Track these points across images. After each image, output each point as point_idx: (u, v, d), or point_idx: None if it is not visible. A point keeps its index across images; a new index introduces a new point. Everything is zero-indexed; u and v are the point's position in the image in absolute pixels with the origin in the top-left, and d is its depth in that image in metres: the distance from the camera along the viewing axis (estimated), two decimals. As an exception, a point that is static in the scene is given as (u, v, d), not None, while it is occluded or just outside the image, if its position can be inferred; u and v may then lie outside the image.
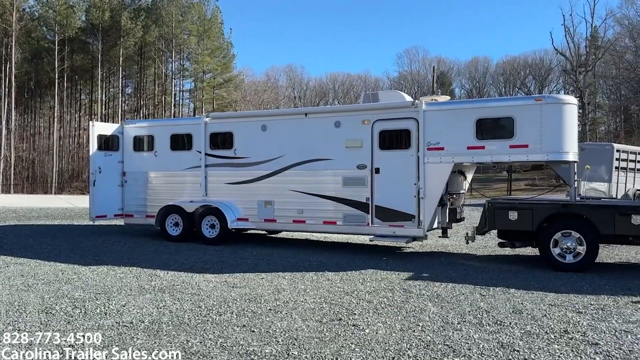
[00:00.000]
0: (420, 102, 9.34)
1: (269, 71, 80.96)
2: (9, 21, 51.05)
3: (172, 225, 11.45)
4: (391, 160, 9.53)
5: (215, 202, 10.95)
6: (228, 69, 63.51)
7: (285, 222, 10.44)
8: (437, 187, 9.15)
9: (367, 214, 9.69)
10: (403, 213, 9.40)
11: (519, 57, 68.96)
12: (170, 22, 56.28)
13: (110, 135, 12.10)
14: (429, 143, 9.19)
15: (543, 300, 6.34)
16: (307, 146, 10.19)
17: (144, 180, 12.00)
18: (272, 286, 7.05)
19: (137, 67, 62.63)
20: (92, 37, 56.75)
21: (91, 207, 11.77)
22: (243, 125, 10.94)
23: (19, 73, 55.63)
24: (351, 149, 9.81)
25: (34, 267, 8.33)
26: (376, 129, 9.64)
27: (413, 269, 8.34)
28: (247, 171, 10.75)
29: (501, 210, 8.75)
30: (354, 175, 9.78)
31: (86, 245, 10.66)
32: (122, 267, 8.42)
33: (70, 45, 56.34)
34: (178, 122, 12.50)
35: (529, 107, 8.75)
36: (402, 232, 9.43)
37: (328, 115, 10.20)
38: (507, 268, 8.55)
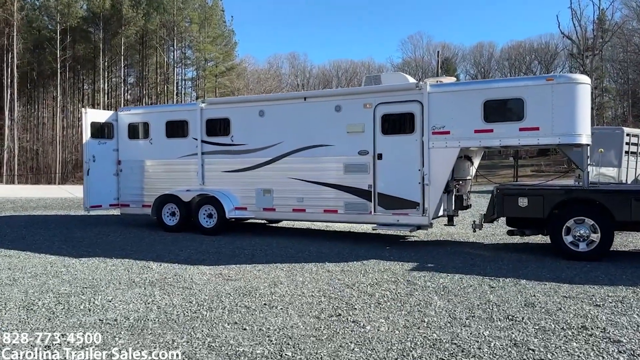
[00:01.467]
0: (425, 84, 8.90)
1: (271, 59, 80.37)
2: (10, 10, 50.59)
3: (168, 215, 11.10)
4: (394, 145, 9.10)
5: (212, 191, 10.57)
6: (230, 57, 62.95)
7: (285, 211, 10.05)
8: (443, 173, 8.73)
9: (369, 202, 9.29)
10: (407, 200, 8.99)
11: (524, 42, 68.00)
12: (172, 9, 55.73)
13: (104, 123, 11.72)
14: (434, 127, 8.76)
15: (557, 292, 5.94)
16: (306, 132, 9.77)
17: (140, 169, 11.63)
18: (269, 279, 6.68)
19: (139, 56, 62.18)
20: (94, 26, 56.28)
21: (85, 197, 11.42)
22: (240, 110, 10.52)
23: (22, 63, 55.25)
24: (352, 134, 9.39)
25: (23, 260, 8.00)
26: (378, 112, 9.20)
27: (418, 259, 7.96)
28: (245, 158, 10.36)
29: (510, 196, 8.33)
30: (355, 162, 9.37)
31: (80, 236, 10.33)
32: (114, 259, 8.07)
33: (72, 35, 55.92)
34: (173, 109, 12.09)
35: (539, 87, 8.28)
36: (406, 220, 9.03)
37: (328, 99, 9.76)
38: (517, 257, 8.14)
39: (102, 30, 55.59)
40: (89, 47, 58.46)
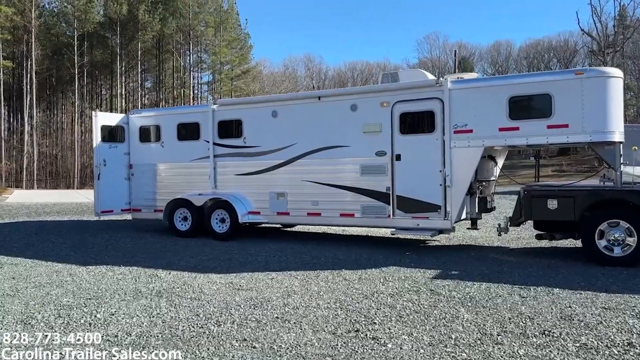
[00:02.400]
0: (445, 80, 8.44)
1: (286, 61, 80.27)
2: (28, 18, 51.17)
3: (180, 220, 10.78)
4: (413, 145, 8.66)
5: (224, 195, 10.23)
6: (245, 60, 62.94)
7: (299, 215, 9.66)
8: (466, 174, 8.26)
9: (387, 205, 8.85)
10: (427, 203, 8.54)
11: (542, 40, 66.90)
12: (187, 14, 55.85)
13: (115, 126, 11.47)
14: (456, 125, 8.29)
15: (594, 303, 5.45)
16: (321, 132, 9.38)
17: (151, 173, 11.35)
18: (282, 288, 6.28)
19: (155, 61, 62.49)
20: (111, 31, 56.62)
21: (96, 202, 11.16)
22: (252, 111, 10.16)
23: (41, 69, 55.89)
24: (369, 134, 8.96)
25: (29, 268, 7.72)
26: (396, 111, 8.77)
27: (440, 266, 7.50)
28: (258, 161, 10.00)
29: (539, 198, 7.83)
30: (372, 163, 8.95)
31: (90, 243, 10.07)
32: (122, 266, 7.76)
33: (90, 40, 56.39)
34: (185, 111, 11.80)
35: (568, 82, 7.77)
36: (427, 224, 8.57)
37: (343, 98, 9.34)
38: (547, 263, 7.64)
39: (119, 36, 55.91)
40: (106, 52, 58.89)
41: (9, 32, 51.08)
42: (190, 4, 55.51)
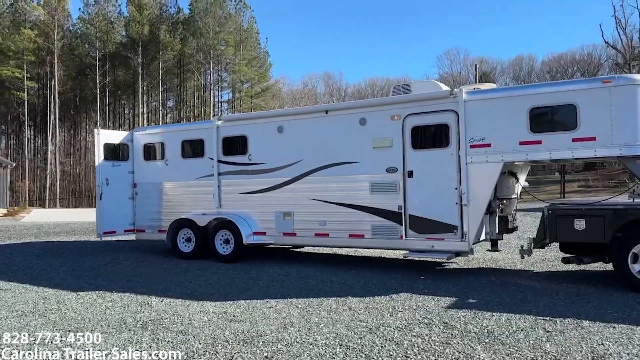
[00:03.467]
0: (460, 92, 7.85)
1: (306, 79, 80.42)
2: (51, 39, 52.26)
3: (184, 241, 10.32)
4: (427, 161, 8.07)
5: (229, 215, 9.74)
6: (265, 78, 63.18)
7: (307, 235, 9.10)
8: (484, 191, 7.62)
9: (399, 225, 8.24)
10: (443, 223, 7.90)
11: (565, 54, 65.71)
12: (208, 33, 56.39)
13: (118, 144, 11.12)
14: (472, 139, 7.69)
15: (631, 339, 4.75)
16: (328, 148, 8.85)
17: (155, 192, 10.94)
18: (279, 319, 5.71)
19: (177, 80, 63.17)
20: (132, 51, 57.44)
21: (98, 223, 10.77)
22: (257, 127, 9.70)
23: (65, 90, 56.91)
24: (379, 150, 8.40)
25: (17, 295, 7.30)
26: (408, 125, 8.20)
27: (456, 293, 6.84)
28: (263, 179, 9.50)
29: (564, 218, 7.13)
30: (383, 180, 8.37)
31: (89, 265, 9.65)
32: (114, 292, 7.28)
33: (112, 61, 57.28)
34: (189, 127, 11.41)
35: (595, 90, 7.12)
36: (443, 246, 7.93)
37: (351, 112, 8.81)
38: (574, 289, 6.92)
39: (141, 56, 56.67)
40: (128, 72, 59.75)
41: (32, 54, 52.18)
42: (210, 24, 56.05)
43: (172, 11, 59.36)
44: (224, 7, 57.90)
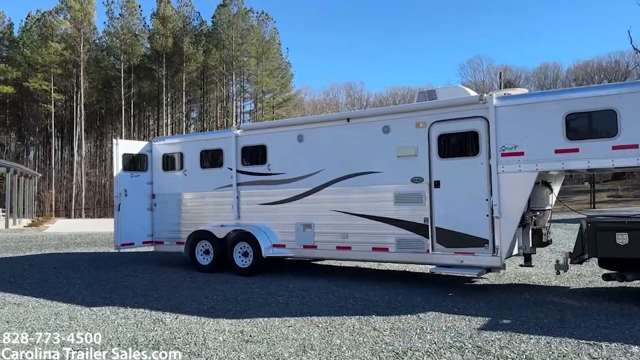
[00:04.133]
0: (490, 97, 7.43)
1: (327, 89, 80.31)
2: (78, 52, 53.25)
3: (202, 253, 10.04)
4: (455, 170, 7.64)
5: (247, 226, 9.44)
6: (287, 89, 63.40)
7: (328, 248, 8.73)
8: (517, 203, 7.15)
9: (426, 239, 7.81)
10: (472, 237, 7.45)
11: (592, 61, 64.26)
12: (231, 45, 56.83)
13: (137, 155, 10.94)
14: (504, 147, 7.24)
15: (690, 369, 4.24)
16: (350, 157, 8.50)
17: (174, 203, 10.71)
18: (298, 340, 5.34)
19: (200, 92, 63.76)
20: (157, 63, 58.18)
21: (116, 235, 10.58)
22: (277, 136, 9.40)
23: (91, 102, 57.90)
24: (404, 159, 8.01)
25: (30, 309, 7.08)
26: (434, 132, 7.80)
27: (489, 312, 6.37)
28: (283, 189, 9.18)
29: (605, 232, 6.62)
30: (408, 191, 7.96)
31: (106, 279, 9.43)
32: (129, 308, 7.01)
33: (137, 73, 58.10)
34: (208, 137, 11.17)
35: (637, 95, 6.63)
36: (472, 261, 7.46)
37: (374, 120, 8.44)
38: (617, 309, 6.39)
39: (165, 68, 57.34)
40: (153, 84, 60.49)
41: (59, 67, 53.20)
42: (233, 36, 56.47)
43: (195, 24, 60.04)
44: (246, 19, 58.35)
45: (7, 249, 14.86)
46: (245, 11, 58.38)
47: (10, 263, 11.68)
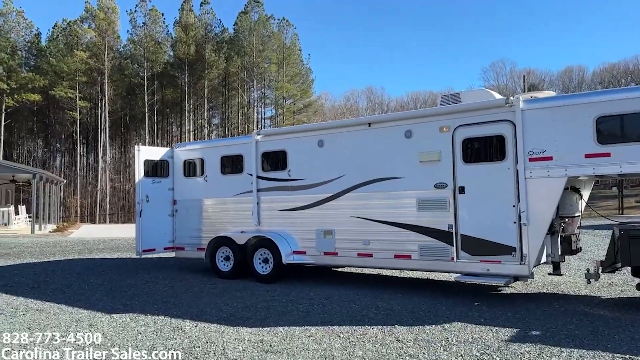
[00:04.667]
0: (517, 100, 7.21)
1: (348, 94, 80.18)
2: (102, 60, 54.15)
3: (222, 260, 9.98)
4: (480, 176, 7.43)
5: (268, 233, 9.35)
6: (307, 94, 63.49)
7: (349, 255, 8.57)
8: (545, 209, 6.91)
9: (450, 246, 7.60)
10: (499, 245, 7.22)
11: (618, 64, 62.91)
12: (252, 52, 57.16)
13: (158, 161, 10.96)
14: (532, 152, 7.01)
15: None
16: (372, 163, 8.35)
17: (195, 209, 10.68)
18: (319, 351, 5.19)
19: (222, 98, 64.28)
20: (179, 71, 58.82)
21: (138, 241, 10.58)
22: (297, 141, 9.29)
23: (116, 108, 58.82)
24: (427, 164, 7.83)
25: (52, 316, 7.07)
26: (458, 137, 7.60)
27: (517, 323, 6.14)
28: (303, 195, 9.07)
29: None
30: (431, 197, 7.77)
31: (128, 285, 9.42)
32: (148, 315, 6.95)
33: (160, 80, 58.82)
34: (228, 142, 11.11)
35: (672, 96, 6.36)
36: (499, 269, 7.23)
37: (396, 124, 8.27)
38: (654, 320, 6.10)
39: (187, 75, 57.95)
40: (176, 91, 61.14)
41: (84, 75, 54.16)
42: (254, 43, 56.80)
43: (217, 31, 60.59)
44: (267, 25, 58.65)
45: (32, 254, 15.03)
46: (266, 18, 58.70)
47: (34, 268, 11.79)
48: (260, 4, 58.42)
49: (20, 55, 55.61)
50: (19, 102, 53.89)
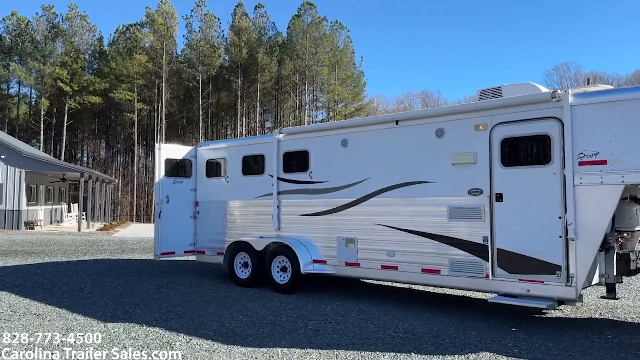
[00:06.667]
0: (566, 94, 6.16)
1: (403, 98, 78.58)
2: (159, 64, 55.53)
3: (240, 266, 9.38)
4: (521, 181, 6.43)
5: (286, 239, 8.66)
6: (359, 97, 62.79)
7: (371, 267, 7.73)
8: (598, 222, 5.83)
9: (485, 262, 6.63)
10: (542, 262, 6.19)
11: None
12: (304, 55, 57.01)
13: (180, 160, 10.50)
14: (582, 154, 5.96)
15: None
16: (399, 165, 7.49)
17: (216, 211, 10.15)
18: (311, 382, 4.42)
19: (274, 101, 64.59)
20: (233, 74, 59.50)
21: (156, 243, 10.14)
22: (320, 140, 8.55)
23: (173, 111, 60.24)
24: (460, 167, 6.90)
25: (47, 322, 6.63)
26: (497, 136, 6.63)
27: (557, 355, 5.14)
28: (325, 199, 8.32)
29: None
30: (464, 204, 6.83)
31: (140, 289, 8.97)
32: (143, 326, 6.39)
33: (215, 84, 59.76)
34: (249, 142, 10.48)
35: None
36: (541, 291, 6.19)
37: (426, 122, 7.37)
38: None
39: (240, 78, 58.50)
40: (230, 94, 61.91)
41: (142, 78, 55.70)
42: (307, 45, 56.64)
43: (270, 34, 60.88)
44: (320, 28, 58.33)
45: (65, 252, 15.05)
46: (319, 20, 58.39)
47: (59, 268, 11.63)
48: (314, 7, 58.20)
49: (83, 59, 57.82)
50: (81, 104, 56.11)
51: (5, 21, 56.97)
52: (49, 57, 54.75)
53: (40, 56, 54.19)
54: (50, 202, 31.35)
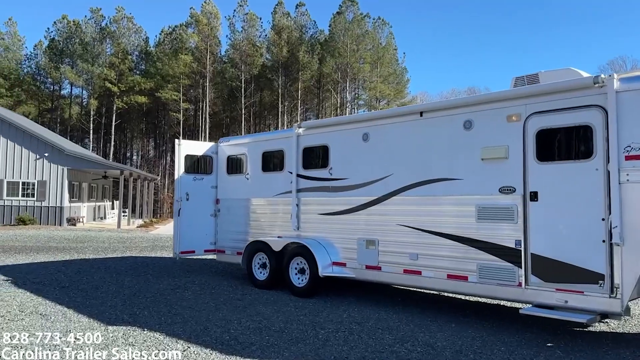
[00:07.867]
0: (610, 79, 5.38)
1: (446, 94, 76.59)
2: (204, 64, 56.25)
3: (259, 267, 8.97)
4: (558, 178, 5.68)
5: (305, 239, 8.16)
6: (401, 94, 61.67)
7: (393, 271, 7.12)
8: (648, 225, 5.05)
9: (517, 268, 5.92)
10: (582, 270, 5.44)
11: None
12: (345, 52, 56.41)
13: (201, 156, 10.19)
14: (630, 148, 5.18)
15: None
16: (423, 160, 6.85)
17: (235, 209, 9.78)
18: (303, 404, 3.90)
19: (316, 100, 64.32)
20: (275, 73, 59.60)
21: (175, 242, 9.86)
22: (340, 135, 8.00)
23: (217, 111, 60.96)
24: (490, 162, 6.20)
25: (48, 324, 6.38)
26: (531, 127, 5.90)
27: (598, 382, 4.41)
28: (345, 197, 7.77)
29: None
30: (495, 204, 6.13)
31: (155, 289, 8.68)
32: (145, 331, 6.04)
33: (257, 83, 60.04)
34: (269, 137, 9.98)
35: None
36: (581, 302, 5.44)
37: (453, 113, 6.69)
38: None
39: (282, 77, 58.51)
40: (272, 93, 62.08)
41: (187, 78, 56.54)
42: (348, 43, 56.02)
43: (311, 32, 60.61)
44: (362, 24, 57.57)
45: (95, 249, 15.10)
46: (361, 17, 57.61)
47: (83, 265, 11.56)
48: (355, 3, 57.46)
49: (130, 60, 59.22)
50: (128, 104, 57.50)
51: (56, 24, 59.11)
52: (98, 59, 56.36)
53: (89, 58, 55.84)
54: (94, 199, 32.07)
